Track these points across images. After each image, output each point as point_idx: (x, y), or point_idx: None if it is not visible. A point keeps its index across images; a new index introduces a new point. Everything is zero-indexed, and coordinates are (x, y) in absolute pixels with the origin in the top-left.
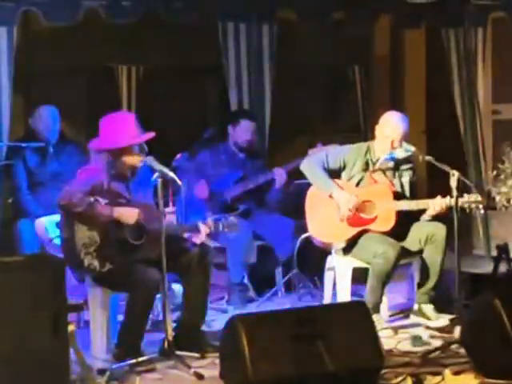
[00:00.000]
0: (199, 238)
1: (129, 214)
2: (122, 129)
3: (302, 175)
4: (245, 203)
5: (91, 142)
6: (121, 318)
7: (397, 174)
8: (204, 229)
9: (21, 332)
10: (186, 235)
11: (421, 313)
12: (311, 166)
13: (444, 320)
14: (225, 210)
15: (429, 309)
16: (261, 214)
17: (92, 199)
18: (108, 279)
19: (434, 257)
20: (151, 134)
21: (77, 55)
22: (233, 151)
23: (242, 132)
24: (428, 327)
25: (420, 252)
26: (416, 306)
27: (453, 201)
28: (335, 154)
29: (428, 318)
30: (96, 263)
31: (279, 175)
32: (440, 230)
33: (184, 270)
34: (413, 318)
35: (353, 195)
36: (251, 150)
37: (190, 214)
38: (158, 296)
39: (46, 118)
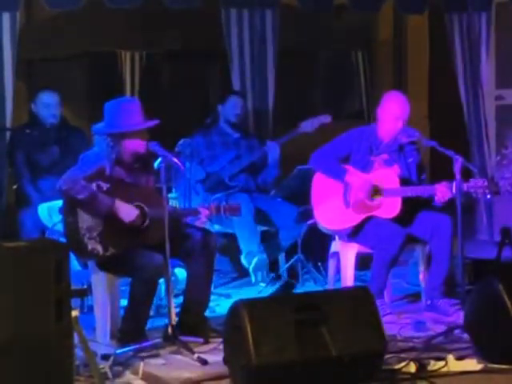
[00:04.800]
0: (201, 222)
1: (128, 213)
2: (126, 114)
3: (304, 161)
4: (242, 181)
5: (94, 126)
6: (124, 302)
7: (402, 156)
8: (205, 212)
9: (24, 317)
10: (188, 220)
11: (434, 308)
12: (321, 159)
13: (459, 314)
14: (224, 190)
15: (443, 304)
16: (263, 199)
17: (94, 185)
18: (111, 264)
19: (440, 253)
20: (155, 121)
21: (80, 41)
22: (225, 131)
23: (230, 108)
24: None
25: (425, 241)
26: (429, 302)
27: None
28: (341, 141)
29: (444, 314)
30: (99, 248)
31: (272, 148)
32: (445, 224)
33: (187, 255)
34: (426, 314)
35: (367, 179)
36: (242, 127)
37: (193, 198)
38: (162, 281)
39: (48, 103)
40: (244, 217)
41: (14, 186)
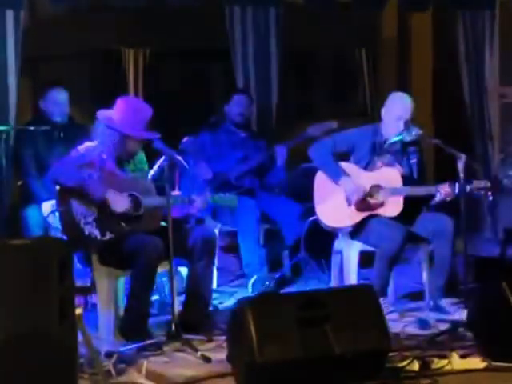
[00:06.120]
0: (195, 209)
1: (119, 202)
2: (141, 119)
3: (308, 158)
4: (249, 182)
5: (103, 115)
6: None
7: (405, 156)
8: (200, 200)
9: (28, 315)
10: (182, 208)
11: (438, 309)
12: (319, 151)
13: (462, 312)
14: (230, 190)
15: (446, 304)
16: (267, 197)
17: (85, 174)
18: (111, 251)
19: (442, 253)
20: (157, 135)
21: (83, 39)
22: (232, 130)
23: (235, 106)
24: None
25: (428, 240)
26: (431, 303)
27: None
28: (343, 137)
29: (446, 313)
30: (96, 232)
31: (280, 152)
32: (447, 224)
33: (188, 253)
34: (429, 314)
35: (360, 185)
36: (249, 126)
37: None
38: (165, 279)
39: (57, 100)
40: (248, 226)
41: (19, 183)
